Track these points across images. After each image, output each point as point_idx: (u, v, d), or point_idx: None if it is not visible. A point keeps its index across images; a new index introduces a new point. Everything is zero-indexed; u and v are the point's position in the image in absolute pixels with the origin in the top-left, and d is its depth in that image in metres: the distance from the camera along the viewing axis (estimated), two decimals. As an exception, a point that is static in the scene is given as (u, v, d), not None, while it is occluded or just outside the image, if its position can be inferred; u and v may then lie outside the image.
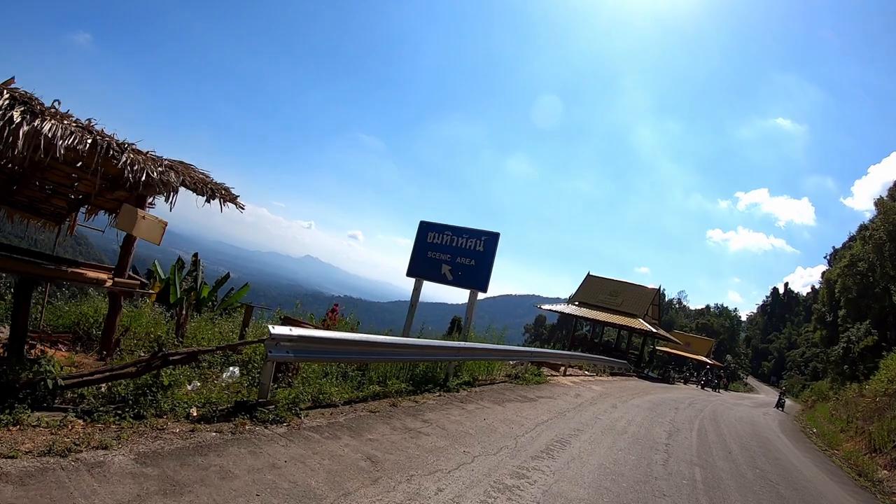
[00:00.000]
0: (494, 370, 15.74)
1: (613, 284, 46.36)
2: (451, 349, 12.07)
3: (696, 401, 26.70)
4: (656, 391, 26.31)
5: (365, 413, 8.27)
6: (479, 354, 13.55)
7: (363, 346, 9.15)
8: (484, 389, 13.12)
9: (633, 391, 22.81)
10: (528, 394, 13.99)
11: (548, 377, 18.82)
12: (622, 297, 44.06)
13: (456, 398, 11.19)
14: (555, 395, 14.92)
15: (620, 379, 28.76)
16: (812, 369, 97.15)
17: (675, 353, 61.46)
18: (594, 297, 44.67)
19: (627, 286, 46.33)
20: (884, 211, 45.59)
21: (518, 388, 14.80)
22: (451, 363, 12.69)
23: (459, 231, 14.83)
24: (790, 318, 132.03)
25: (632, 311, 42.05)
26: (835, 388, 50.65)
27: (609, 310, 42.70)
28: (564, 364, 22.27)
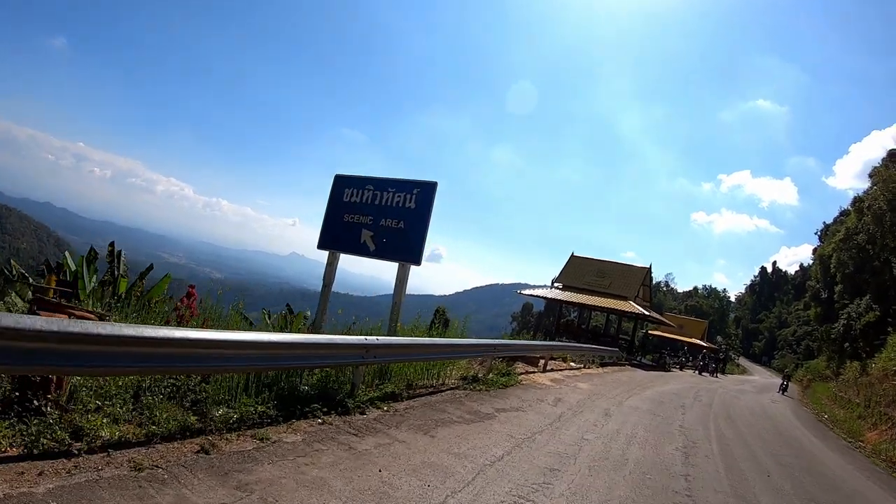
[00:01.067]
0: (444, 372, 11.68)
1: (600, 265, 41.98)
2: (354, 348, 7.93)
3: (701, 392, 22.94)
4: (654, 383, 22.35)
5: (109, 475, 4.17)
6: (405, 353, 9.45)
7: (178, 348, 5.21)
8: (414, 405, 8.99)
9: (628, 386, 18.82)
10: (483, 406, 9.86)
11: (521, 376, 14.81)
12: (610, 277, 39.84)
13: (350, 427, 7.05)
14: (524, 405, 10.78)
15: (612, 370, 24.75)
16: (805, 348, 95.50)
17: (668, 337, 57.75)
18: (579, 279, 40.42)
19: (615, 266, 41.98)
20: (882, 180, 42.65)
21: (472, 396, 10.69)
22: (360, 368, 8.53)
23: (384, 184, 10.88)
24: (779, 296, 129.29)
25: (621, 293, 37.95)
26: (832, 366, 49.71)
27: (596, 292, 38.52)
28: (544, 357, 18.16)
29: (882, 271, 44.10)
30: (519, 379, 13.85)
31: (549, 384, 14.67)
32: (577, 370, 20.60)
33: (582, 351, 23.33)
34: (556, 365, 20.08)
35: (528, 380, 14.57)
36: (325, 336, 7.93)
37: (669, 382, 24.88)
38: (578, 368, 21.19)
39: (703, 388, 26.05)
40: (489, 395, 11.11)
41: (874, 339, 39.26)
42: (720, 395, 24.03)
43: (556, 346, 20.08)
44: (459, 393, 10.75)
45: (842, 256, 49.98)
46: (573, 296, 38.34)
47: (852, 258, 48.71)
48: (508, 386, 12.59)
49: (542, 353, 17.93)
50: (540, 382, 14.60)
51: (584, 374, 19.89)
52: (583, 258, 42.93)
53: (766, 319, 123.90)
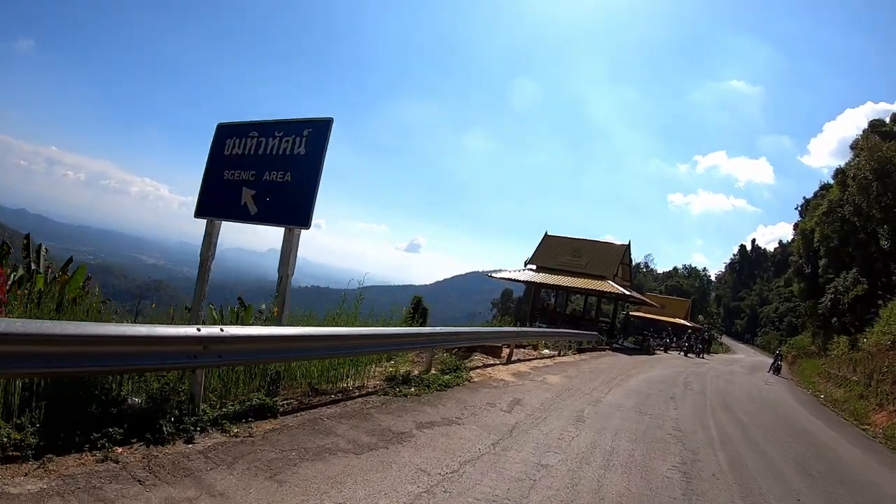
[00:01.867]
0: (365, 371, 8.82)
1: (575, 244, 38.44)
2: (176, 343, 5.15)
3: (690, 377, 20.44)
4: (639, 369, 19.63)
5: None
6: (280, 349, 6.60)
7: None
8: (291, 424, 6.18)
9: (608, 375, 16.01)
10: (399, 421, 6.99)
11: (475, 371, 12.02)
12: (586, 257, 36.74)
13: (147, 466, 4.39)
14: (465, 415, 7.88)
15: (591, 356, 21.95)
16: (788, 324, 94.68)
17: (650, 318, 55.13)
18: (553, 259, 37.39)
19: (591, 244, 38.66)
20: (868, 147, 40.58)
21: (392, 405, 7.79)
22: (199, 373, 5.68)
23: (270, 128, 8.05)
24: (760, 274, 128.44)
25: (599, 273, 34.96)
26: (817, 342, 48.17)
27: (572, 273, 35.61)
28: (509, 346, 15.29)
29: (868, 243, 42.48)
30: (469, 375, 10.95)
31: (510, 380, 11.74)
32: (550, 359, 17.78)
33: (555, 337, 20.47)
34: (525, 354, 17.30)
35: (482, 375, 11.69)
36: (105, 326, 4.92)
37: (655, 367, 22.19)
38: (551, 357, 18.35)
39: (692, 371, 23.50)
40: (419, 401, 8.20)
41: (864, 312, 37.39)
42: (711, 378, 21.55)
43: (522, 332, 17.11)
44: (375, 400, 7.85)
45: (825, 230, 47.87)
46: (547, 277, 35.38)
47: (836, 231, 46.94)
48: (451, 386, 9.68)
49: (505, 340, 15.05)
50: (498, 378, 11.67)
51: (558, 363, 17.05)
52: (557, 237, 39.85)
53: (747, 297, 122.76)
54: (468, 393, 9.43)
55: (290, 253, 7.52)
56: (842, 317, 42.14)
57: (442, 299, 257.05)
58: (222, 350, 5.61)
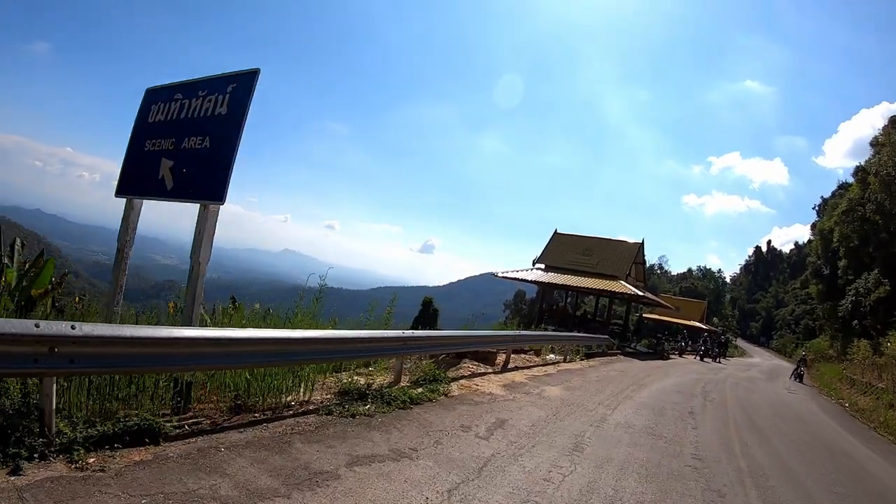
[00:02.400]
0: (307, 382, 7.12)
1: (586, 241, 36.66)
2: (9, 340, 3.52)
3: (709, 385, 18.58)
4: (652, 377, 17.79)
5: None
6: (158, 353, 4.90)
7: None
8: (168, 455, 4.49)
9: (617, 385, 14.16)
10: (321, 456, 5.16)
11: (460, 382, 10.28)
12: (598, 255, 34.56)
13: None
14: (423, 444, 6.04)
15: (600, 362, 20.11)
16: (805, 327, 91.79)
17: (664, 321, 52.88)
18: (563, 258, 35.31)
19: (603, 242, 36.66)
20: (890, 143, 39.01)
21: (329, 428, 6.01)
22: (48, 383, 4.04)
23: (194, 89, 6.60)
24: (775, 276, 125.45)
25: (611, 273, 32.64)
26: (836, 346, 47.07)
27: (583, 272, 33.56)
28: (505, 351, 13.52)
29: (890, 243, 41.06)
30: (448, 388, 9.13)
31: (499, 393, 9.89)
32: (554, 366, 15.97)
33: (560, 341, 18.63)
34: (525, 360, 15.50)
35: (466, 388, 9.88)
36: None
37: (670, 374, 20.32)
38: (555, 364, 16.53)
39: (710, 378, 21.60)
40: (368, 424, 6.42)
41: (887, 315, 35.92)
42: (731, 386, 19.72)
43: (520, 336, 14.93)
44: (310, 422, 6.08)
45: (844, 230, 46.43)
46: (556, 277, 33.44)
47: (856, 231, 45.25)
48: (420, 402, 7.88)
49: (499, 346, 13.25)
50: (484, 391, 9.84)
51: (562, 371, 15.21)
52: (567, 235, 37.84)
53: (762, 299, 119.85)
54: (439, 412, 7.65)
55: (204, 235, 5.89)
56: (863, 319, 41.02)
57: (455, 300, 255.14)
58: (76, 354, 4.04)
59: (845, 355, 38.88)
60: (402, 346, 8.56)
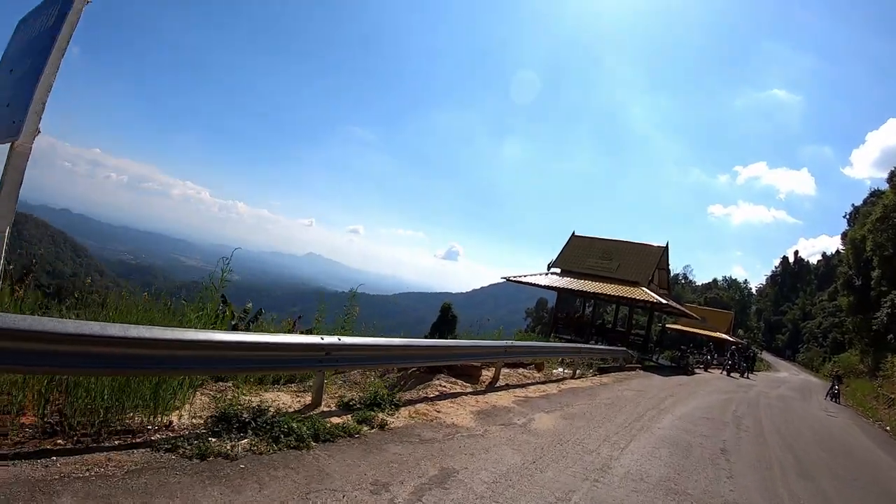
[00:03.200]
0: (168, 398, 5.15)
1: (605, 244, 33.76)
2: None
3: (740, 408, 16.22)
4: (676, 397, 15.17)
5: None
6: None
7: None
8: None
9: (632, 410, 11.58)
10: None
11: (421, 404, 7.94)
12: (618, 259, 31.84)
13: None
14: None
15: (616, 378, 17.46)
16: (832, 340, 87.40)
17: (689, 332, 49.64)
18: (580, 262, 32.52)
19: (625, 246, 33.46)
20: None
21: (139, 476, 3.81)
22: None
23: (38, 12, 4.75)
24: (802, 287, 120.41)
25: (632, 278, 30.02)
26: (867, 361, 44.80)
27: (602, 277, 30.66)
28: (493, 365, 10.91)
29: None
30: (385, 419, 6.69)
31: (465, 425, 7.37)
32: (557, 383, 13.45)
33: (562, 354, 15.89)
34: (524, 376, 13.13)
35: (422, 415, 7.39)
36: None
37: (696, 394, 17.65)
38: (559, 381, 14.02)
39: (741, 398, 19.10)
40: (225, 470, 4.18)
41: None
42: (764, 408, 17.46)
43: (513, 346, 11.80)
44: (137, 459, 4.14)
45: (878, 238, 43.47)
46: (572, 282, 30.90)
47: (891, 239, 42.25)
48: (334, 438, 5.66)
49: (484, 359, 10.63)
50: (445, 421, 7.34)
51: (565, 390, 12.62)
52: (585, 238, 35.01)
53: (789, 311, 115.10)
54: (353, 455, 5.23)
55: (8, 182, 3.49)
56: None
57: (479, 307, 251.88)
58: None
59: (878, 371, 36.34)
60: (323, 357, 6.08)
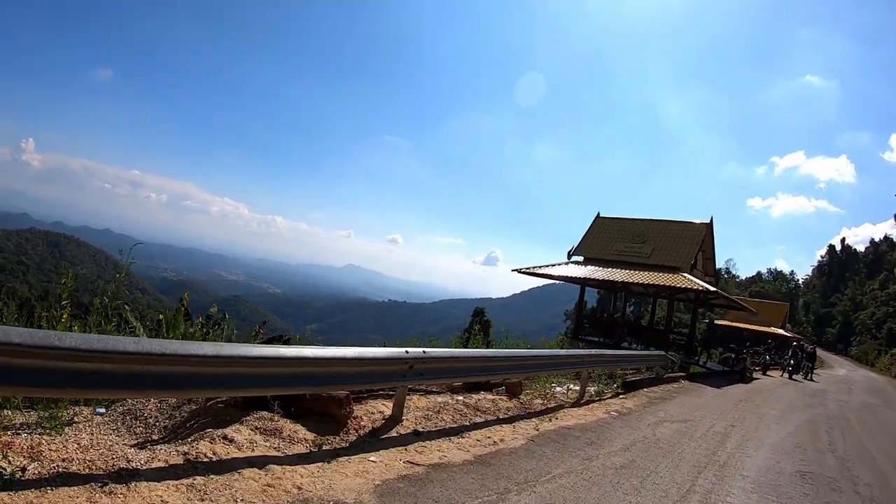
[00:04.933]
0: None
1: (637, 225, 27.10)
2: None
3: (835, 437, 10.76)
4: (741, 435, 9.36)
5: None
6: None
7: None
8: None
9: (664, 479, 5.88)
10: None
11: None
12: (653, 241, 25.47)
13: None
14: None
15: (646, 399, 11.71)
16: (888, 331, 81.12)
17: (740, 328, 42.84)
18: (607, 247, 26.36)
19: (660, 225, 26.64)
20: None
21: None
22: None
23: None
24: (851, 277, 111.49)
25: (670, 263, 23.83)
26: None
27: (632, 265, 24.79)
28: (394, 393, 5.61)
29: None
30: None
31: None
32: (538, 419, 7.84)
33: (549, 368, 9.96)
34: (476, 408, 7.63)
35: None
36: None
37: (766, 417, 11.99)
38: (548, 412, 8.40)
39: (822, 415, 13.69)
40: None
41: None
42: (860, 427, 12.21)
43: (429, 356, 6.11)
44: None
45: None
46: (596, 271, 24.90)
47: None
48: None
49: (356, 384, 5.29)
50: None
51: (547, 434, 6.93)
52: (613, 219, 28.56)
53: (838, 303, 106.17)
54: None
55: None
56: None
57: (517, 312, 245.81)
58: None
59: None
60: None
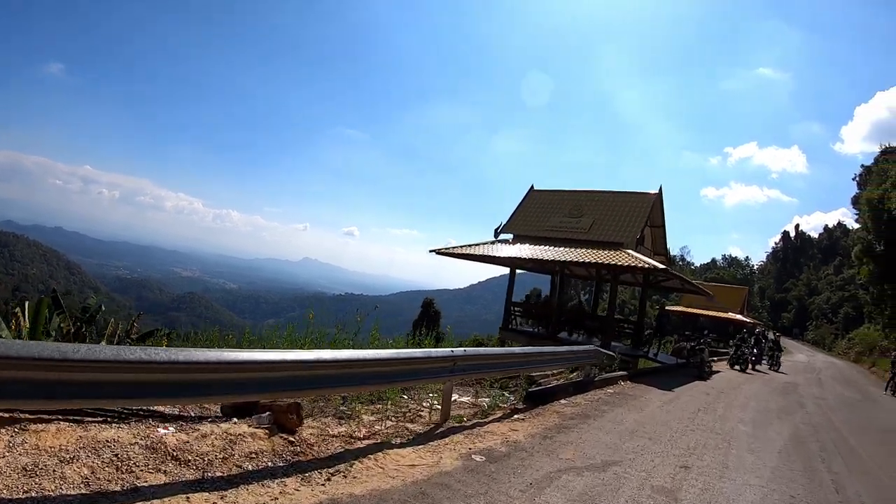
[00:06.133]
0: None
1: (576, 198, 22.80)
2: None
3: (828, 455, 7.29)
4: (702, 482, 5.48)
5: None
6: None
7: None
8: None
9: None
10: None
11: None
12: (593, 215, 21.34)
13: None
14: None
15: (558, 419, 7.95)
16: (844, 315, 79.83)
17: (696, 314, 39.69)
18: (540, 223, 22.31)
19: (602, 197, 22.40)
20: None
21: None
22: None
23: None
24: (805, 262, 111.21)
25: (612, 238, 19.91)
26: (891, 336, 40.58)
27: (569, 241, 20.69)
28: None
29: None
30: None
31: None
32: (345, 467, 4.01)
33: (424, 375, 6.14)
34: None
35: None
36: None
37: (733, 440, 8.13)
38: (364, 455, 4.56)
39: (806, 424, 10.44)
40: None
41: None
42: (858, 445, 8.87)
43: None
44: None
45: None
46: (524, 249, 20.86)
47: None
48: None
49: None
50: None
51: None
52: (548, 192, 24.46)
53: (794, 288, 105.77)
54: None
55: None
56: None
57: (476, 303, 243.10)
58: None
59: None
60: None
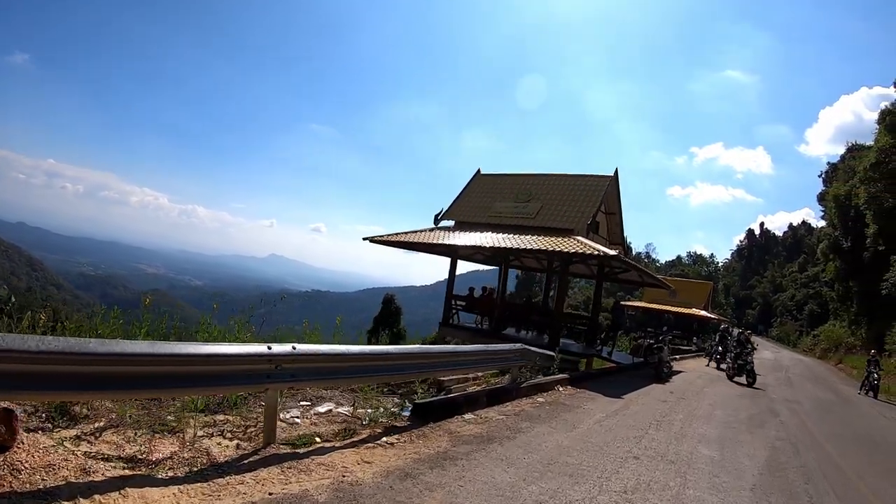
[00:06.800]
0: None
1: (524, 182, 20.51)
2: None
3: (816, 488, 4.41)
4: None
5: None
6: None
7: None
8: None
9: None
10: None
11: None
12: (541, 199, 19.18)
13: None
14: None
15: (448, 442, 5.77)
16: (809, 312, 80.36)
17: (659, 310, 38.04)
18: (483, 209, 20.09)
19: (552, 179, 20.08)
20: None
21: None
22: None
23: None
24: (770, 260, 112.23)
25: (562, 224, 17.77)
26: (859, 333, 40.23)
27: (515, 227, 18.65)
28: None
29: None
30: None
31: None
32: None
33: (236, 382, 4.11)
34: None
35: None
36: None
37: (692, 470, 6.10)
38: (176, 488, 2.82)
39: (783, 441, 8.35)
40: None
41: None
42: (847, 467, 6.61)
43: None
44: None
45: (873, 188, 35.63)
46: (464, 236, 18.72)
47: (891, 187, 34.29)
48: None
49: None
50: None
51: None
52: (495, 176, 22.10)
53: (758, 285, 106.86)
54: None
55: None
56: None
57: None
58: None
59: (881, 344, 29.52)
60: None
